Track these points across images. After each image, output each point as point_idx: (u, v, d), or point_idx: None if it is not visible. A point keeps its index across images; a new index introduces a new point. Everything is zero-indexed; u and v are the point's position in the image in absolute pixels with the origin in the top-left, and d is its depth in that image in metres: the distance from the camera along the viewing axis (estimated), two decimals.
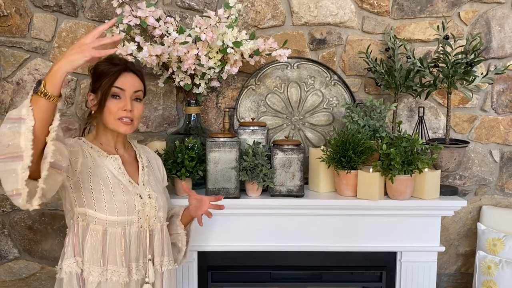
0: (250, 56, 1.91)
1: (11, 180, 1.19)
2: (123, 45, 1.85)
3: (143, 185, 1.54)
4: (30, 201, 1.21)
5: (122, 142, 1.58)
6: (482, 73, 1.99)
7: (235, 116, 2.15)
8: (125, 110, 1.48)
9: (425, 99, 2.09)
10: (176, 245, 1.69)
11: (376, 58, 2.12)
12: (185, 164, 1.85)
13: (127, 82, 1.49)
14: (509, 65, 2.12)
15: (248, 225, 1.97)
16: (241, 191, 1.96)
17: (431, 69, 1.99)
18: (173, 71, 1.90)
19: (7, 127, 1.20)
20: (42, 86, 1.21)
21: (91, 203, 1.44)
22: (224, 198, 1.90)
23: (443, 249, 2.01)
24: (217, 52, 1.87)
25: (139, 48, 1.85)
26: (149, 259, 1.51)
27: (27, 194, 1.20)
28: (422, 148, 1.89)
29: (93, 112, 1.52)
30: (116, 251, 1.45)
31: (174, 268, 1.61)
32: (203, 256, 2.00)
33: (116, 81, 1.48)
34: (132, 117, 1.50)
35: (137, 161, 1.60)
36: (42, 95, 1.21)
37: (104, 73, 1.48)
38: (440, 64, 1.96)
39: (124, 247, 1.46)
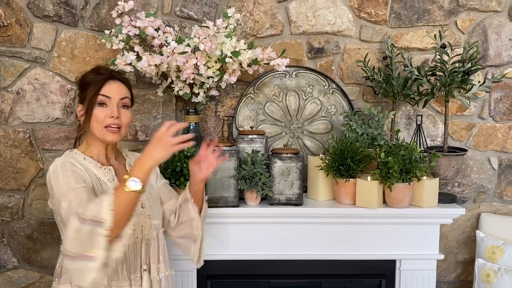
0: (249, 65, 1.92)
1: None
2: (122, 55, 1.86)
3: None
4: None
5: (113, 151, 1.57)
6: (479, 81, 2.00)
7: (234, 125, 2.16)
8: (112, 117, 1.48)
9: (423, 107, 2.10)
10: (190, 234, 1.59)
11: (374, 67, 2.13)
12: (184, 173, 1.86)
13: (113, 90, 1.50)
14: (506, 73, 2.13)
15: (247, 234, 1.97)
16: (240, 200, 1.96)
17: (428, 78, 2.00)
18: (172, 80, 1.91)
19: (86, 229, 1.22)
20: (141, 186, 1.28)
21: None
22: (223, 206, 1.91)
23: (442, 257, 2.01)
24: (215, 62, 1.88)
25: (138, 58, 1.86)
26: (144, 270, 1.51)
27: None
28: (420, 156, 1.90)
29: (81, 122, 1.52)
30: (116, 266, 1.44)
31: (172, 274, 1.61)
32: (202, 265, 1.99)
33: (102, 89, 1.48)
34: (119, 124, 1.49)
35: (127, 170, 1.59)
36: (138, 192, 1.28)
37: (90, 82, 1.49)
38: (438, 73, 1.98)
39: (124, 261, 1.46)
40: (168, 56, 1.80)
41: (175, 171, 1.87)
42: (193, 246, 1.61)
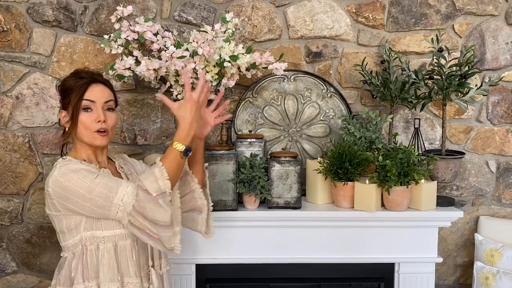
0: (247, 69, 1.93)
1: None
2: (121, 59, 1.87)
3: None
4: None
5: (102, 154, 1.56)
6: (476, 85, 2.02)
7: (232, 129, 2.16)
8: (99, 121, 1.47)
9: (420, 111, 2.11)
10: (195, 206, 1.58)
11: (372, 71, 2.14)
12: None
13: (97, 93, 1.49)
14: (503, 77, 2.14)
15: (246, 238, 1.97)
16: (239, 204, 1.97)
17: (426, 81, 2.01)
18: (171, 84, 1.92)
19: (159, 203, 1.34)
20: (191, 151, 1.42)
21: (98, 224, 1.44)
22: (222, 210, 1.92)
23: (440, 260, 2.01)
24: (214, 66, 1.89)
25: (137, 62, 1.87)
26: (151, 266, 1.53)
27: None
28: (418, 160, 1.91)
29: (67, 129, 1.51)
30: (128, 263, 1.46)
31: (170, 268, 1.63)
32: (201, 269, 2.00)
33: (85, 93, 1.47)
34: (106, 127, 1.49)
35: (119, 173, 1.59)
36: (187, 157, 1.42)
37: (72, 88, 1.48)
38: (435, 76, 1.99)
39: (135, 258, 1.47)
40: (166, 61, 1.81)
41: None
42: (200, 217, 1.59)
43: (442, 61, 1.96)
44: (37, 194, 2.20)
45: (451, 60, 1.96)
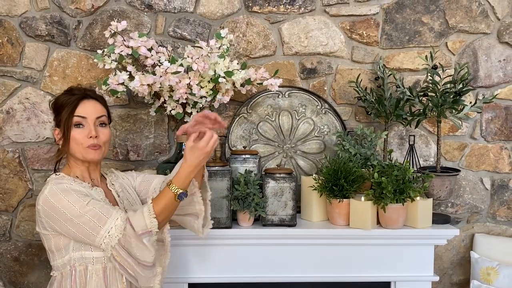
0: (242, 85, 1.92)
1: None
2: (115, 75, 1.85)
3: (126, 212, 1.50)
4: None
5: (95, 170, 1.54)
6: (470, 102, 2.02)
7: (226, 145, 2.15)
8: (90, 137, 1.46)
9: (415, 128, 2.11)
10: (193, 210, 1.54)
11: (366, 87, 2.14)
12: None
13: (88, 109, 1.48)
14: (496, 94, 2.15)
15: (240, 256, 1.94)
16: (233, 221, 1.93)
17: (420, 98, 2.01)
18: (165, 100, 1.91)
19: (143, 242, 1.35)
20: (187, 196, 1.41)
21: (87, 245, 1.40)
22: (216, 228, 1.88)
23: (437, 278, 1.99)
24: (209, 82, 1.88)
25: (131, 78, 1.86)
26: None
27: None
28: (413, 177, 1.90)
29: (60, 146, 1.49)
30: (118, 285, 1.43)
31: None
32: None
33: (76, 109, 1.46)
34: (99, 143, 1.47)
35: (110, 190, 1.57)
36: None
37: (63, 105, 1.47)
38: (429, 93, 1.99)
39: (124, 279, 1.43)
40: (161, 76, 1.80)
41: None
42: (196, 222, 1.56)
43: (437, 78, 1.96)
44: (26, 211, 2.16)
45: (445, 77, 1.97)
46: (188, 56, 1.83)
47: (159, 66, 1.82)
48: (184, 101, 1.89)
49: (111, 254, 1.36)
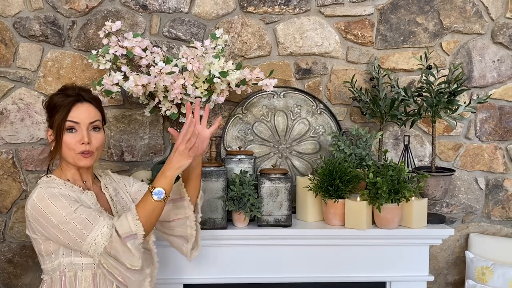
0: (237, 85, 1.92)
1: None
2: (109, 75, 1.84)
3: (118, 216, 1.50)
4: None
5: (87, 173, 1.53)
6: (465, 102, 2.03)
7: (222, 145, 2.14)
8: (82, 143, 1.44)
9: (410, 128, 2.12)
10: (183, 233, 1.54)
11: (361, 88, 2.15)
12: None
13: (81, 114, 1.45)
14: (491, 94, 2.16)
15: (235, 256, 1.93)
16: (228, 221, 1.93)
17: (415, 98, 2.02)
18: (160, 100, 1.90)
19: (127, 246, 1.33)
20: (165, 195, 1.37)
21: (76, 251, 1.39)
22: (211, 228, 1.88)
23: (432, 278, 1.99)
24: (203, 82, 1.87)
25: (125, 78, 1.85)
26: None
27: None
28: (408, 177, 1.90)
29: (52, 149, 1.48)
30: None
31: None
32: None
33: (70, 114, 1.44)
34: (91, 149, 1.45)
35: (104, 193, 1.56)
36: (163, 201, 1.38)
37: (57, 107, 1.45)
38: (424, 93, 2.00)
39: (115, 286, 1.41)
40: (155, 76, 1.79)
41: None
42: (185, 246, 1.56)
43: (431, 79, 1.97)
44: (20, 212, 2.14)
45: (439, 78, 1.98)
46: (183, 57, 1.82)
47: (154, 66, 1.81)
48: (179, 102, 1.88)
49: (99, 261, 1.35)
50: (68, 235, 1.34)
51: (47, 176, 1.48)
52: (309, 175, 1.98)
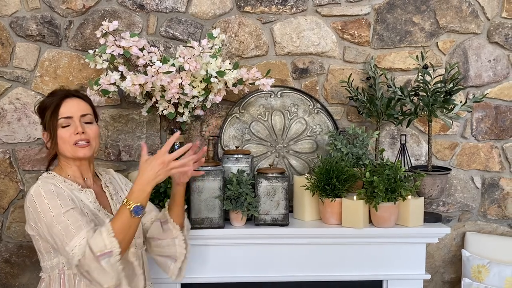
0: (234, 85, 1.93)
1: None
2: (106, 75, 1.84)
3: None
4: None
5: (87, 170, 1.53)
6: (461, 101, 2.04)
7: (219, 144, 2.14)
8: (77, 133, 1.44)
9: (406, 127, 2.12)
10: (172, 253, 1.53)
11: (358, 87, 2.15)
12: (168, 194, 1.83)
13: (72, 107, 1.47)
14: (486, 93, 2.17)
15: (233, 255, 1.94)
16: (225, 221, 1.93)
17: (411, 98, 2.02)
18: (157, 100, 1.90)
19: (101, 264, 1.27)
20: (143, 211, 1.33)
21: None
22: (208, 228, 1.88)
23: (428, 276, 2.00)
24: (201, 81, 1.88)
25: (123, 77, 1.85)
26: None
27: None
28: (405, 176, 1.91)
29: (50, 149, 1.48)
30: None
31: None
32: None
33: (60, 109, 1.45)
34: (87, 138, 1.46)
35: (104, 192, 1.56)
36: (140, 216, 1.33)
37: (47, 106, 1.47)
38: (420, 93, 2.00)
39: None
40: (152, 76, 1.79)
41: (159, 192, 1.84)
42: (173, 265, 1.55)
43: (427, 78, 1.98)
44: (17, 212, 2.14)
45: (436, 77, 1.99)
46: (180, 56, 1.82)
47: (151, 66, 1.81)
48: (176, 101, 1.88)
49: (78, 271, 1.31)
50: (53, 237, 1.35)
51: (47, 172, 1.49)
52: (306, 174, 1.99)
